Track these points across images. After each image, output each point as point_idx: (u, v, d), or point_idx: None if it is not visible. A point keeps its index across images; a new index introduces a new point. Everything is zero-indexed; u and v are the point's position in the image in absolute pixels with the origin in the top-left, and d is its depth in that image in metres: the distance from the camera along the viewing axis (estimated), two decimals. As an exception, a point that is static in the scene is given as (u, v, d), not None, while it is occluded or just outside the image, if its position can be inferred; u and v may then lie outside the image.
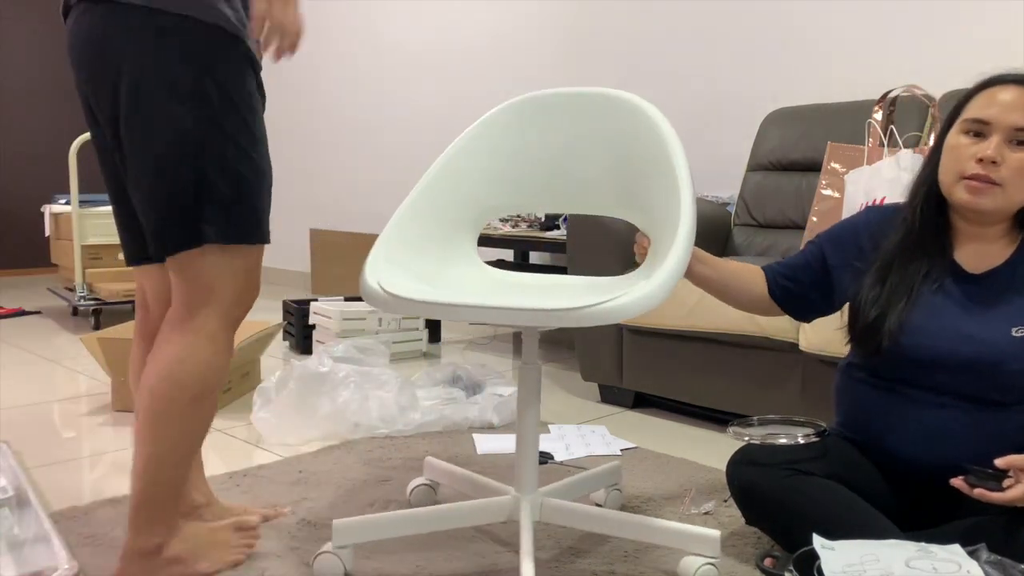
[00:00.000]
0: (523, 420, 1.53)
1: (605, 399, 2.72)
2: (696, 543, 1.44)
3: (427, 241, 1.61)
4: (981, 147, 1.35)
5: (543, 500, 1.55)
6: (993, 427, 1.37)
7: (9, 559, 1.47)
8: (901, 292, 1.41)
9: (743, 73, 3.25)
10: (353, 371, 2.41)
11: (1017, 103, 1.33)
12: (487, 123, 1.73)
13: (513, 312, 1.23)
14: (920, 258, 1.43)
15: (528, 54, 4.02)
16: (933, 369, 1.39)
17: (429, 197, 1.65)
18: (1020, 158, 1.33)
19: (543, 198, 1.75)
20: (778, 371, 2.23)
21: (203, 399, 1.34)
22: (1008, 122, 1.33)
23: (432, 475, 1.82)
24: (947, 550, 1.23)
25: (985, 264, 1.42)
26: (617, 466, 1.81)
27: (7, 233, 6.02)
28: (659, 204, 1.51)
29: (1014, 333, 1.35)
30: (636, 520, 1.49)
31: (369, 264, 1.46)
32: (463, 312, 1.27)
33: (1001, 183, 1.34)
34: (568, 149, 1.71)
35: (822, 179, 2.50)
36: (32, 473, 2.01)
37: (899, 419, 1.43)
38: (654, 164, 1.53)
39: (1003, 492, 1.27)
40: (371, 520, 1.50)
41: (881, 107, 2.44)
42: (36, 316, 4.27)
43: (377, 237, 1.57)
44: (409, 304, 1.31)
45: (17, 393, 2.75)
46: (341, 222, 5.11)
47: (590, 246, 2.62)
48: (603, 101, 1.69)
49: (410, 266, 1.52)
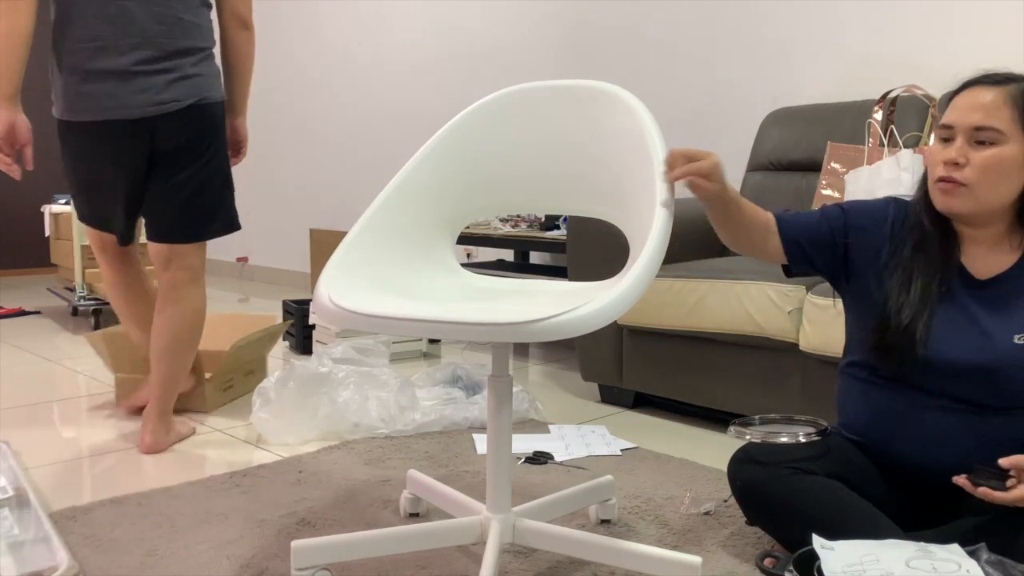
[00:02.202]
0: (494, 436, 1.44)
1: (605, 399, 2.72)
2: (677, 569, 1.36)
3: (398, 248, 1.53)
4: (948, 150, 1.36)
5: (516, 521, 1.45)
6: (993, 431, 1.37)
7: (9, 559, 1.47)
8: (924, 300, 1.40)
9: (743, 73, 3.25)
10: (353, 371, 2.41)
11: (977, 103, 1.34)
12: (458, 124, 1.66)
13: (464, 327, 1.15)
14: (933, 264, 1.42)
15: (528, 55, 4.02)
16: (936, 374, 1.39)
17: (397, 203, 1.57)
18: (982, 157, 1.33)
19: (520, 198, 1.67)
20: (778, 371, 2.23)
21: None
22: (967, 123, 1.34)
23: (413, 489, 1.76)
24: (947, 550, 1.23)
25: (991, 270, 1.42)
26: (608, 481, 1.73)
27: (7, 233, 6.02)
28: (636, 203, 1.43)
29: (1016, 340, 1.35)
30: (614, 545, 1.40)
31: (324, 274, 1.37)
32: (414, 327, 1.19)
33: (966, 183, 1.34)
34: (544, 146, 1.63)
35: (822, 179, 2.50)
36: (32, 473, 2.01)
37: (900, 421, 1.43)
38: (632, 159, 1.45)
39: (1006, 492, 1.27)
40: (333, 542, 1.42)
41: (881, 107, 2.44)
42: (36, 316, 4.27)
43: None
44: (358, 319, 1.23)
45: (17, 393, 2.74)
46: (341, 222, 5.10)
47: (590, 246, 2.62)
48: (582, 94, 1.60)
49: (376, 276, 1.44)
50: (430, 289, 1.52)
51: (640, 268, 1.22)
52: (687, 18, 3.41)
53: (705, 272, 2.32)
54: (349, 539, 1.43)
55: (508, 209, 1.72)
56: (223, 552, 1.58)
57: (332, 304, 1.27)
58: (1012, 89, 1.33)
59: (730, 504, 1.79)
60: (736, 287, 2.25)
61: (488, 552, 1.36)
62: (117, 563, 1.53)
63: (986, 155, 1.33)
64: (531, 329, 1.13)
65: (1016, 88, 1.33)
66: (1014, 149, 1.32)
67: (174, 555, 1.57)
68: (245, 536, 1.65)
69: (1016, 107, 1.32)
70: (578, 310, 1.14)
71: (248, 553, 1.57)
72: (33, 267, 6.10)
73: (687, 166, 1.34)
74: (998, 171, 1.33)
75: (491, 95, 1.68)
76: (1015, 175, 1.34)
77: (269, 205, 5.67)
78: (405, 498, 1.78)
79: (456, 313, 1.18)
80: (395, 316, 1.20)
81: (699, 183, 1.36)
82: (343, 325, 1.25)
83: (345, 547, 1.42)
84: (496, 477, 1.44)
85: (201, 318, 2.21)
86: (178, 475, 2.00)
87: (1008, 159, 1.32)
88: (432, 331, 1.18)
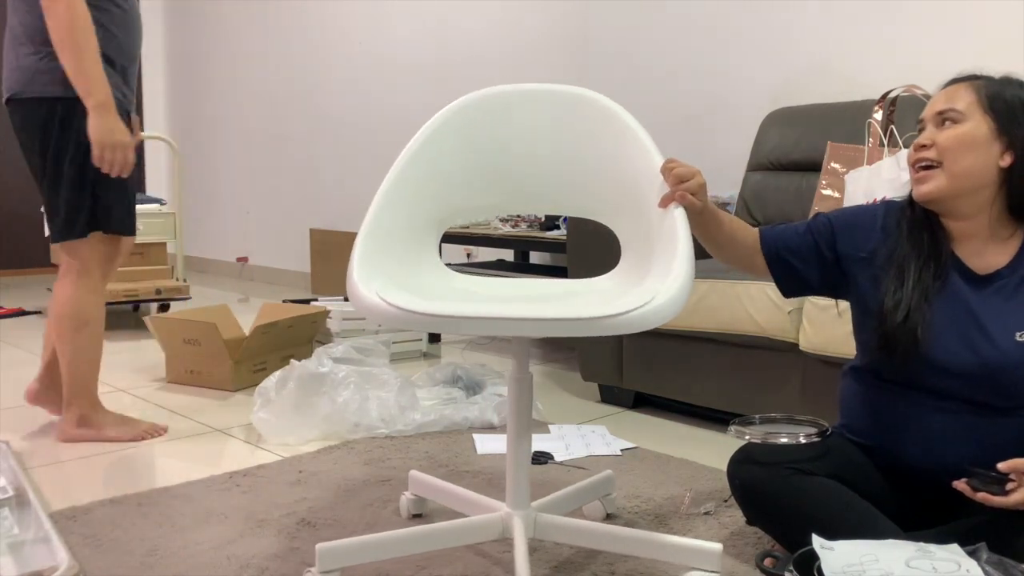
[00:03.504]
0: (514, 434, 1.46)
1: (605, 399, 2.72)
2: (697, 557, 1.39)
3: (394, 249, 1.51)
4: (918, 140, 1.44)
5: (536, 516, 1.48)
6: (996, 433, 1.37)
7: (9, 559, 1.47)
8: (920, 292, 1.40)
9: (743, 73, 3.25)
10: (353, 371, 2.41)
11: (941, 95, 1.43)
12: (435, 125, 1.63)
13: (548, 323, 1.17)
14: (923, 255, 1.43)
15: (528, 56, 4.02)
16: (939, 373, 1.39)
17: (389, 204, 1.53)
18: (945, 135, 1.39)
19: (500, 200, 1.67)
20: (778, 371, 2.23)
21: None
22: (933, 111, 1.42)
23: (417, 490, 1.75)
24: (947, 550, 1.23)
25: (989, 264, 1.42)
26: (610, 475, 1.77)
27: (7, 233, 6.02)
28: (626, 205, 1.45)
29: (1018, 338, 1.35)
30: (635, 535, 1.43)
31: (358, 274, 1.34)
32: (495, 326, 1.19)
33: (938, 162, 1.39)
34: (526, 149, 1.64)
35: (822, 179, 2.50)
36: (32, 473, 2.01)
37: (903, 422, 1.43)
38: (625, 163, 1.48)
39: (1006, 496, 1.27)
40: (358, 543, 1.42)
41: (881, 107, 2.44)
42: (36, 316, 4.27)
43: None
44: (420, 318, 1.21)
45: (17, 393, 2.74)
46: (341, 222, 5.10)
47: (590, 246, 2.62)
48: (567, 99, 1.62)
49: (390, 276, 1.41)
50: (440, 289, 1.51)
51: (681, 262, 1.28)
52: (687, 18, 3.40)
53: (705, 272, 2.32)
54: (373, 540, 1.43)
55: (495, 212, 1.72)
56: (223, 552, 1.58)
57: (390, 305, 1.23)
58: (975, 81, 1.42)
59: (730, 504, 1.79)
60: (736, 287, 2.25)
61: (518, 548, 1.38)
62: (117, 563, 1.53)
63: (948, 133, 1.39)
64: (613, 323, 1.17)
65: (979, 81, 1.42)
66: (975, 125, 1.38)
67: (174, 555, 1.57)
68: (245, 536, 1.65)
69: (976, 92, 1.40)
70: (652, 303, 1.19)
71: (248, 553, 1.57)
72: (33, 267, 6.09)
73: (680, 187, 1.40)
74: (961, 145, 1.38)
75: (468, 95, 1.66)
76: (981, 150, 1.38)
77: (269, 205, 5.67)
78: (407, 499, 1.77)
79: (513, 310, 1.19)
80: (476, 315, 1.19)
81: (689, 200, 1.41)
82: (402, 326, 1.24)
83: (370, 548, 1.42)
84: (516, 473, 1.46)
85: (69, 310, 2.20)
86: (178, 475, 2.00)
87: (969, 133, 1.38)
88: (519, 329, 1.18)
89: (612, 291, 1.49)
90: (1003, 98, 1.38)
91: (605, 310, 1.17)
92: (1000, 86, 1.40)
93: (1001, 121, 1.37)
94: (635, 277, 1.46)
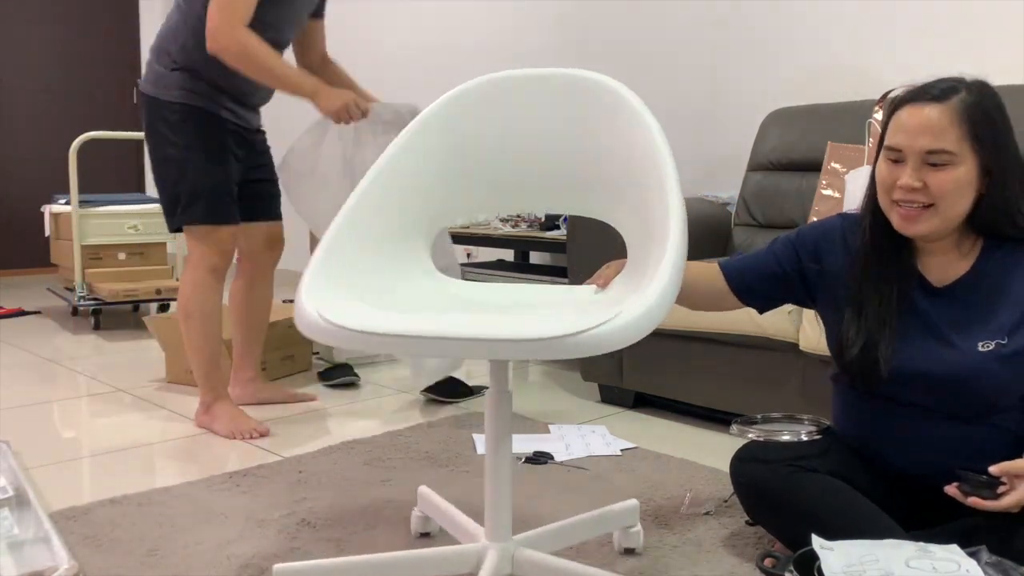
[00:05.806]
0: (492, 459, 1.30)
1: (605, 399, 2.72)
2: None
3: (372, 254, 1.39)
4: (900, 174, 1.34)
5: (516, 551, 1.32)
6: (975, 437, 1.37)
7: (9, 559, 1.47)
8: (881, 319, 1.39)
9: (743, 73, 3.25)
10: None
11: (924, 125, 1.31)
12: (435, 113, 1.53)
13: (484, 344, 1.02)
14: (889, 277, 1.41)
15: (528, 54, 4.02)
16: (906, 387, 1.39)
17: (369, 205, 1.42)
18: (940, 179, 1.31)
19: (496, 199, 1.57)
20: (778, 371, 2.23)
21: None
22: (918, 147, 1.31)
23: (423, 507, 1.65)
24: (946, 550, 1.23)
25: (948, 276, 1.41)
26: (631, 506, 1.56)
27: (7, 233, 6.01)
28: (634, 202, 1.35)
29: (980, 348, 1.35)
30: None
31: (305, 286, 1.22)
32: (423, 345, 1.06)
33: (933, 203, 1.33)
34: (529, 141, 1.52)
35: (822, 179, 2.50)
36: (32, 473, 2.01)
37: (884, 430, 1.44)
38: (628, 156, 1.37)
39: (997, 499, 1.27)
40: (315, 567, 1.32)
41: (881, 107, 2.44)
42: (36, 316, 4.27)
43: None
44: (359, 337, 1.09)
45: (17, 393, 2.74)
46: (341, 222, 5.10)
47: (590, 246, 2.62)
48: (569, 84, 1.46)
49: (355, 285, 1.30)
50: (415, 300, 1.40)
51: (666, 274, 1.13)
52: (688, 18, 3.40)
53: (705, 272, 2.32)
54: (333, 564, 1.34)
55: (488, 212, 1.64)
56: (223, 552, 1.58)
57: (326, 322, 1.12)
58: (956, 103, 1.31)
59: (730, 504, 1.79)
60: (736, 287, 2.24)
61: None
62: (117, 563, 1.53)
63: (943, 179, 1.31)
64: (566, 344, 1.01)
65: (959, 102, 1.31)
66: (968, 167, 1.32)
67: (174, 555, 1.57)
68: (245, 536, 1.65)
69: (963, 123, 1.30)
70: (611, 323, 1.02)
71: (248, 553, 1.57)
72: (33, 267, 6.09)
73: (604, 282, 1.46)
74: (956, 192, 1.32)
75: (471, 81, 1.59)
76: (973, 187, 1.34)
77: (269, 205, 5.66)
78: (416, 517, 1.66)
79: (471, 328, 1.05)
80: (404, 334, 1.06)
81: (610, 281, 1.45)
82: (343, 346, 1.11)
83: (331, 573, 1.32)
84: (495, 500, 1.30)
85: (180, 302, 2.38)
86: (178, 475, 2.00)
87: (964, 178, 1.32)
88: (447, 349, 1.05)
89: (599, 301, 1.38)
90: (988, 122, 1.32)
91: (552, 329, 1.01)
92: (980, 107, 1.31)
93: (987, 151, 1.32)
94: (634, 282, 1.36)
